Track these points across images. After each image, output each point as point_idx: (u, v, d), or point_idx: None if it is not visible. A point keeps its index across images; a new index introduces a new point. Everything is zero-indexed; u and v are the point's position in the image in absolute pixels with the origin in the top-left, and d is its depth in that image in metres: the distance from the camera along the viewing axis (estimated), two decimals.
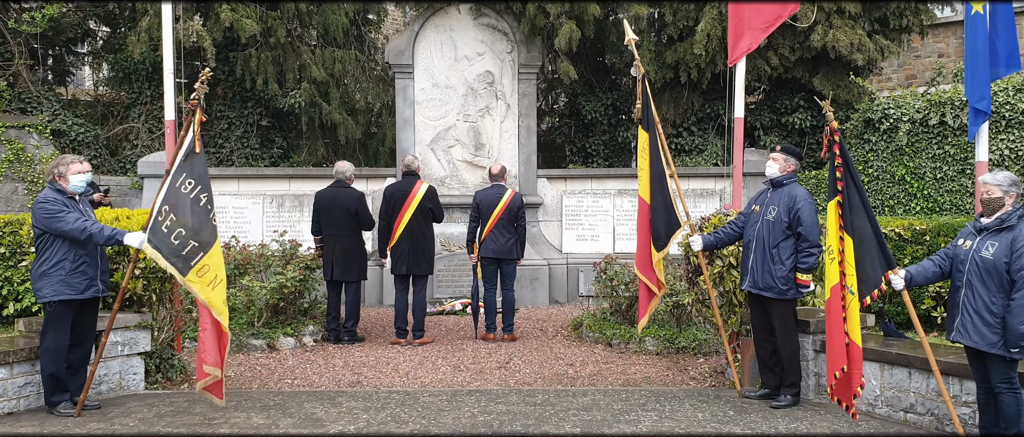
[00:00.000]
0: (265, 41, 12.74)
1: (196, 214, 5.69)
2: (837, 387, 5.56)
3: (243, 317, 8.61)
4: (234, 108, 13.63)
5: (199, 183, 5.75)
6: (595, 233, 12.19)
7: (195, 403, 6.28)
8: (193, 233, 5.65)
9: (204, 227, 5.69)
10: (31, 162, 12.35)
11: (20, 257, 6.95)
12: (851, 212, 5.47)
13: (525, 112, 12.13)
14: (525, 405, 6.24)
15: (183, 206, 5.69)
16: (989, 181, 4.93)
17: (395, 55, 11.93)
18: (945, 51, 16.00)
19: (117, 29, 14.29)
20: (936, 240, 7.73)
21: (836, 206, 5.55)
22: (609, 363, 7.90)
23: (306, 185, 11.73)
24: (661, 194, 6.70)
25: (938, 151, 10.97)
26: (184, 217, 5.66)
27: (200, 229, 5.68)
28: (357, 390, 6.89)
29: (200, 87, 5.85)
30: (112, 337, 6.45)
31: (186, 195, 5.71)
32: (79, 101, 14.56)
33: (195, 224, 5.67)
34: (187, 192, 5.71)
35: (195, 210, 5.69)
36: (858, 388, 5.44)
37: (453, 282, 11.19)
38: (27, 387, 6.02)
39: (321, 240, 8.84)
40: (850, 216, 5.47)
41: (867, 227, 5.44)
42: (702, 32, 11.65)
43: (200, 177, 5.77)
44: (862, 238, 5.43)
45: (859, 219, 5.46)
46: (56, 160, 5.91)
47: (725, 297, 7.07)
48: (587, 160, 14.39)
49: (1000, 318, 4.72)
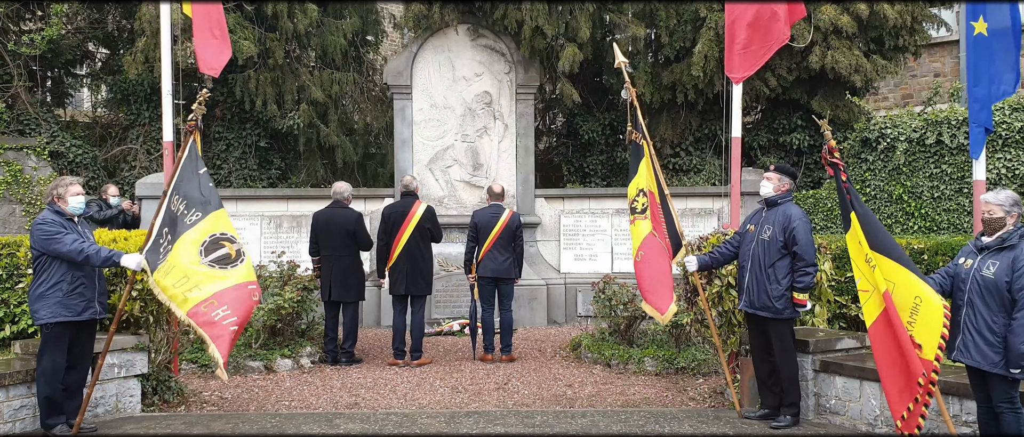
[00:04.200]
0: (264, 62, 12.78)
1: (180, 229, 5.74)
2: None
3: (240, 339, 8.57)
4: (232, 129, 13.64)
5: (186, 199, 5.82)
6: (593, 253, 12.17)
7: (192, 425, 6.24)
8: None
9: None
10: (29, 184, 12.34)
11: (17, 279, 6.92)
12: (872, 232, 5.38)
13: (523, 132, 12.16)
14: (523, 426, 6.20)
15: (178, 225, 5.72)
16: (991, 200, 4.92)
17: (393, 76, 11.97)
18: (941, 71, 16.08)
19: (116, 51, 14.33)
20: (934, 259, 7.72)
21: (857, 219, 5.43)
22: (608, 384, 7.86)
23: (304, 206, 11.72)
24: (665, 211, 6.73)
25: (935, 170, 10.99)
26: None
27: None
28: (354, 412, 6.85)
29: (197, 108, 5.88)
30: (109, 359, 6.41)
31: (177, 214, 5.74)
32: (77, 122, 14.57)
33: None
34: (178, 211, 5.75)
35: (180, 226, 5.74)
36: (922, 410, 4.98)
37: (451, 302, 11.16)
38: (23, 410, 5.98)
39: (319, 261, 8.82)
40: (874, 238, 5.35)
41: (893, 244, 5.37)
42: (699, 53, 11.71)
43: (190, 198, 5.83)
44: (898, 255, 5.31)
45: (883, 236, 5.37)
46: (55, 181, 5.91)
47: (724, 317, 7.05)
48: (585, 180, 14.41)
49: (1002, 337, 4.70)
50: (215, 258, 5.61)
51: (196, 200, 5.82)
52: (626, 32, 12.29)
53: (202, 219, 5.75)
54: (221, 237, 5.70)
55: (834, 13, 11.44)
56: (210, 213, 5.78)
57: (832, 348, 6.55)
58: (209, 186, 5.90)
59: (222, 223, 5.78)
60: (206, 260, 5.59)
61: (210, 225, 5.74)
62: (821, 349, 6.50)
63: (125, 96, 13.82)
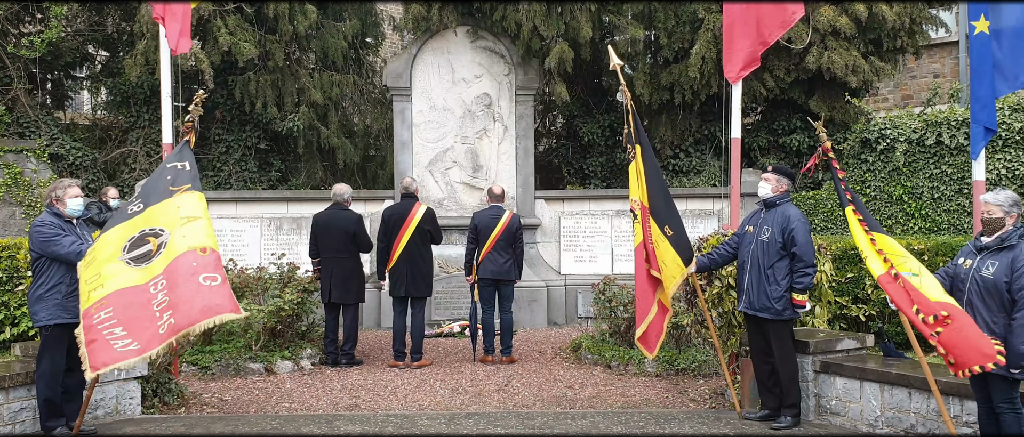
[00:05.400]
0: (264, 64, 12.79)
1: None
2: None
3: (241, 340, 8.57)
4: (232, 131, 13.65)
5: (141, 192, 5.78)
6: (593, 254, 12.17)
7: (192, 427, 6.24)
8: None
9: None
10: (29, 186, 12.35)
11: (17, 281, 6.94)
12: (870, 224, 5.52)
13: (523, 134, 12.16)
14: (524, 428, 6.20)
15: (118, 216, 5.70)
16: (990, 201, 4.92)
17: (393, 78, 11.97)
18: (941, 71, 16.09)
19: (116, 53, 14.34)
20: (934, 259, 7.72)
21: (854, 212, 5.57)
22: (608, 385, 7.86)
23: (304, 208, 11.72)
24: (673, 212, 6.67)
25: (935, 171, 11.00)
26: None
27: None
28: (355, 414, 6.84)
29: (194, 109, 5.89)
30: None
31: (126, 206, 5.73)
32: (77, 125, 14.58)
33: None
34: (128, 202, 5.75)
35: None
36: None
37: (451, 304, 11.15)
38: (23, 412, 5.98)
39: (319, 263, 8.82)
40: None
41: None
42: (697, 54, 11.73)
43: (143, 189, 5.78)
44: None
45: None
46: (54, 184, 5.92)
47: (724, 318, 7.04)
48: (585, 181, 14.41)
49: (1001, 338, 4.70)
50: (135, 256, 5.38)
51: (144, 190, 5.76)
52: (625, 33, 12.30)
53: (140, 213, 5.60)
54: (149, 232, 5.47)
55: (833, 15, 11.45)
56: (150, 206, 5.60)
57: (832, 349, 6.55)
58: (165, 178, 5.71)
59: (157, 218, 5.53)
60: (126, 256, 5.37)
61: (145, 219, 5.55)
62: (821, 350, 6.50)
63: (125, 98, 13.83)
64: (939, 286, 5.06)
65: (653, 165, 6.76)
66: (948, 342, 4.83)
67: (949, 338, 4.83)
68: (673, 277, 6.48)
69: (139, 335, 5.09)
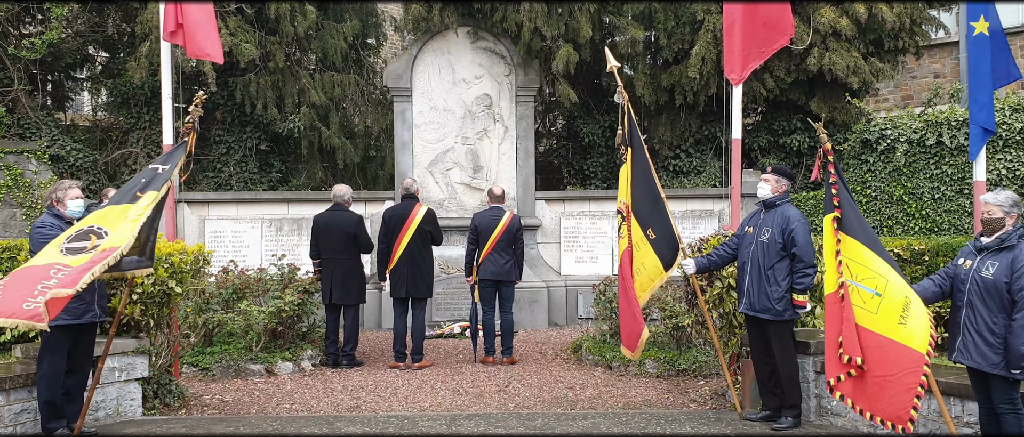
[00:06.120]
0: (264, 66, 12.80)
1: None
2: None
3: (241, 341, 8.57)
4: (233, 132, 13.65)
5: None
6: (594, 255, 12.17)
7: (193, 429, 6.24)
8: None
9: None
10: (29, 187, 12.34)
11: None
12: (846, 228, 5.46)
13: (523, 134, 12.16)
14: (525, 429, 6.20)
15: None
16: (990, 201, 4.92)
17: (393, 79, 11.98)
18: (941, 72, 16.09)
19: (116, 54, 14.34)
20: (935, 260, 7.71)
21: (832, 221, 5.52)
22: (609, 386, 7.86)
23: (304, 209, 11.73)
24: (660, 215, 6.67)
25: (936, 171, 10.99)
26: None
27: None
28: (355, 415, 6.84)
29: (194, 110, 5.89)
30: (109, 363, 6.41)
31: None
32: (78, 126, 14.57)
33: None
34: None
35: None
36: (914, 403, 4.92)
37: (452, 305, 11.16)
38: (24, 414, 5.98)
39: (319, 264, 8.82)
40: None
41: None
42: (697, 55, 11.73)
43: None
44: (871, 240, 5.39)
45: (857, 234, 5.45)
46: (54, 185, 5.92)
47: (725, 319, 7.04)
48: (585, 182, 14.41)
49: (1002, 338, 4.69)
50: (72, 247, 5.14)
51: (119, 191, 5.68)
52: (625, 34, 12.31)
53: (100, 210, 5.51)
54: (94, 230, 5.27)
55: (833, 16, 11.45)
56: (111, 205, 5.47)
57: None
58: (140, 181, 5.59)
59: (108, 218, 5.35)
60: (65, 245, 5.15)
61: (99, 216, 5.40)
62: (822, 351, 6.48)
63: (125, 100, 13.83)
64: (897, 315, 5.04)
65: (642, 167, 6.72)
66: (848, 390, 5.15)
67: (851, 387, 5.15)
68: (651, 280, 6.57)
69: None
